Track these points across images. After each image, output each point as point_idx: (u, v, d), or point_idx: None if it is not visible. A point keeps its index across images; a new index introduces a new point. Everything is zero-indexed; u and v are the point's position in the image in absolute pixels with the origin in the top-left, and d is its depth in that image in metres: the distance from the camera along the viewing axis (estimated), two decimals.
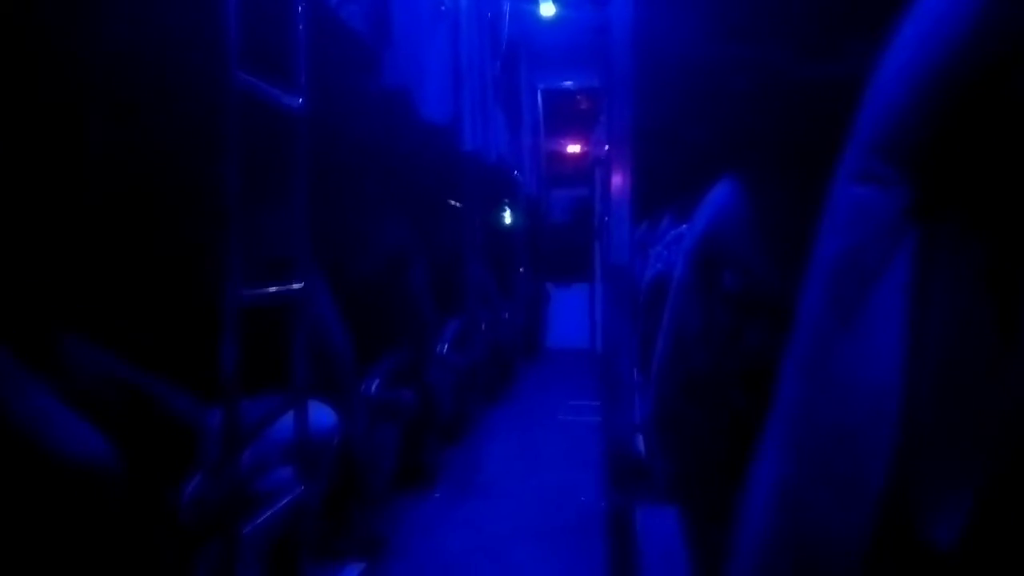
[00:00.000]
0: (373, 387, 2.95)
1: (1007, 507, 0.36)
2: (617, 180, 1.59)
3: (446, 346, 4.06)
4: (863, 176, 0.45)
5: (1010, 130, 0.38)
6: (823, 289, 0.48)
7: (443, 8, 3.51)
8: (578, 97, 9.03)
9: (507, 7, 5.75)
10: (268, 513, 1.68)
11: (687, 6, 1.71)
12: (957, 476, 0.39)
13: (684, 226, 1.89)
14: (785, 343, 0.60)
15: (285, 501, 1.77)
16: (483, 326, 4.99)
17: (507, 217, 7.14)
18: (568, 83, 8.62)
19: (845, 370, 0.46)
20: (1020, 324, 0.37)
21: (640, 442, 1.75)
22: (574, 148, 9.38)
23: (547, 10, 6.43)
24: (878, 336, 0.44)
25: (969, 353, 0.41)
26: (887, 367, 0.44)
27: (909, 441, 0.43)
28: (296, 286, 1.85)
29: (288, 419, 1.88)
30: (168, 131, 2.09)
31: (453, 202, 4.68)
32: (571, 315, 8.46)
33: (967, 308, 0.41)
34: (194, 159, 1.87)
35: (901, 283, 0.44)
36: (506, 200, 7.08)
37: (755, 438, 0.66)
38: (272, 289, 1.73)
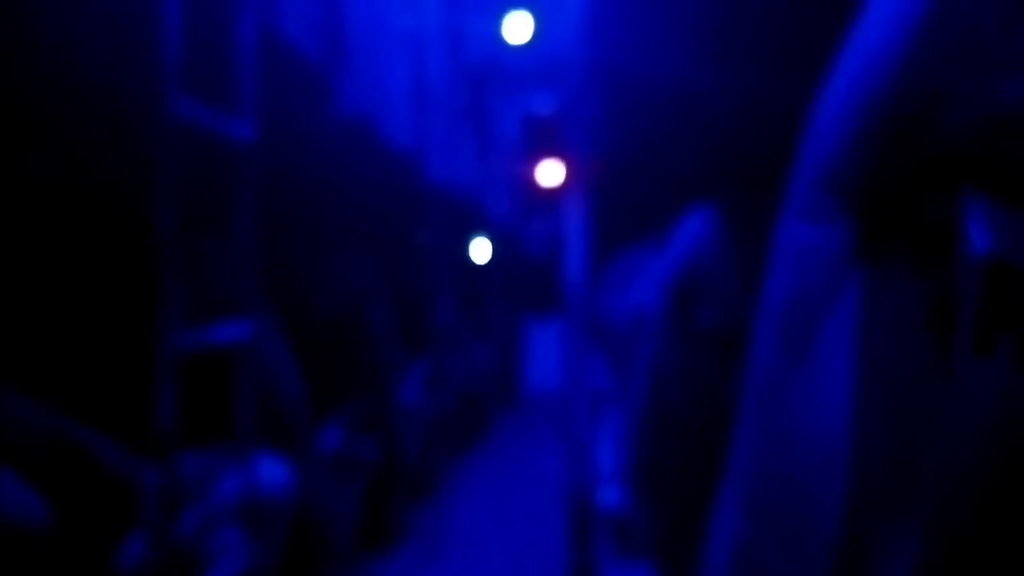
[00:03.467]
0: (332, 439, 2.93)
1: (951, 555, 0.38)
2: (571, 209, 1.62)
3: (412, 392, 4.05)
4: (806, 214, 0.47)
5: (940, 167, 0.40)
6: (772, 330, 0.50)
7: (406, 30, 3.57)
8: (556, 121, 9.12)
9: (475, 27, 5.84)
10: None
11: (656, 25, 1.76)
12: (905, 523, 0.41)
13: (660, 258, 1.92)
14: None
15: (233, 565, 1.75)
16: (453, 369, 4.98)
17: (479, 250, 7.16)
18: (544, 106, 8.72)
19: (794, 413, 0.48)
20: (959, 360, 0.39)
21: (609, 492, 1.75)
22: (553, 175, 9.45)
23: (518, 30, 6.53)
24: (826, 379, 0.46)
25: (914, 395, 0.43)
26: (836, 411, 0.46)
27: (860, 487, 0.44)
28: (242, 331, 1.84)
29: (239, 475, 1.87)
30: (102, 162, 2.09)
31: (420, 233, 4.70)
32: (551, 354, 8.44)
33: (912, 348, 0.43)
34: (131, 191, 1.87)
35: (848, 323, 0.46)
36: (478, 232, 7.12)
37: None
38: (215, 336, 1.72)
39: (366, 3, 2.87)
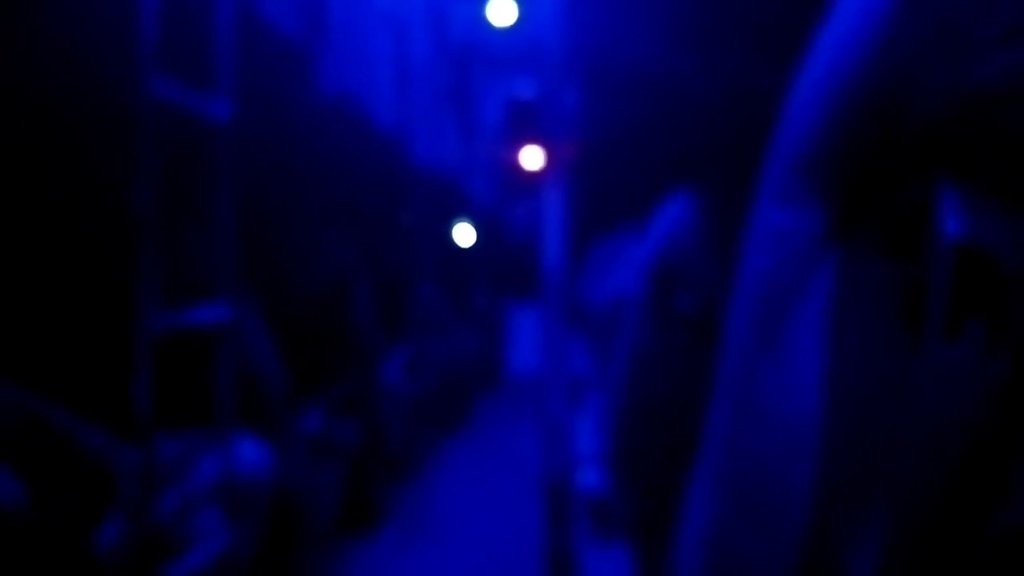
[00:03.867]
0: (313, 421, 2.92)
1: (916, 541, 0.38)
2: (550, 193, 1.62)
3: (394, 373, 4.05)
4: (781, 198, 0.47)
5: (914, 151, 0.40)
6: (745, 314, 0.50)
7: (389, 10, 3.53)
8: (540, 105, 9.09)
9: (462, 12, 5.80)
10: (194, 560, 1.66)
11: (635, 9, 1.75)
12: (872, 509, 0.41)
13: (640, 242, 1.92)
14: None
15: (212, 547, 1.75)
16: (435, 351, 4.98)
17: (462, 234, 7.15)
18: (528, 90, 8.70)
19: (767, 398, 0.48)
20: (929, 343, 0.39)
21: (588, 475, 1.76)
22: (536, 159, 9.45)
23: (502, 11, 6.49)
24: (798, 363, 0.46)
25: (884, 379, 0.43)
26: (807, 395, 0.46)
27: (829, 472, 0.45)
28: (221, 312, 1.83)
29: (217, 457, 1.86)
30: (79, 142, 2.06)
31: (402, 216, 4.69)
32: (532, 337, 8.47)
33: (883, 331, 0.43)
34: (107, 172, 1.84)
35: (820, 307, 0.46)
36: (461, 215, 7.10)
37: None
38: (193, 318, 1.71)
39: None
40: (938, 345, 0.37)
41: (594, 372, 2.71)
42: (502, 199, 8.77)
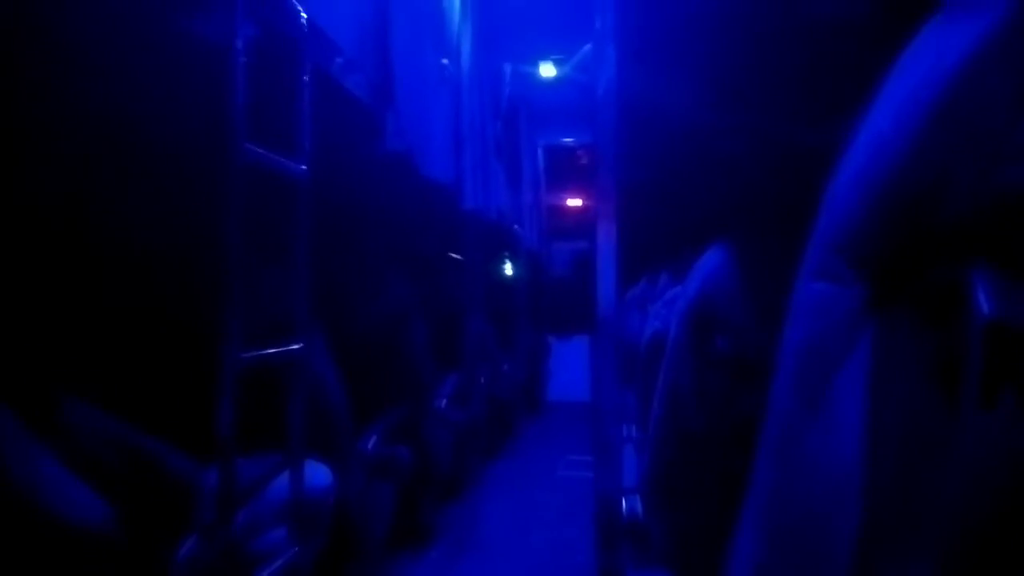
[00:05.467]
0: (370, 444, 2.95)
1: None
2: (603, 235, 1.63)
3: (445, 401, 4.06)
4: (823, 274, 0.48)
5: (946, 239, 0.41)
6: (790, 377, 0.51)
7: (445, 74, 3.61)
8: (579, 152, 9.18)
9: (508, 69, 5.90)
10: (262, 575, 1.68)
11: (680, 71, 1.77)
12: (914, 557, 0.41)
13: (679, 286, 1.92)
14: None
15: (279, 563, 1.77)
16: (483, 380, 4.99)
17: (508, 271, 7.19)
18: (569, 139, 8.78)
19: (811, 454, 0.48)
20: (965, 411, 0.40)
21: (634, 502, 1.75)
22: (575, 202, 9.49)
23: (547, 71, 6.59)
24: (841, 421, 0.47)
25: (922, 438, 0.43)
26: (850, 451, 0.46)
27: (871, 523, 0.45)
28: (295, 347, 1.87)
29: (284, 479, 1.89)
30: (175, 197, 2.14)
31: (454, 256, 4.73)
32: (572, 367, 8.45)
33: (920, 395, 0.44)
34: (199, 224, 1.91)
35: (861, 372, 0.47)
36: (507, 254, 7.15)
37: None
38: (271, 351, 1.75)
39: (411, 48, 2.92)
40: (974, 412, 0.38)
41: (633, 406, 2.70)
42: (545, 241, 8.81)
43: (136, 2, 1.57)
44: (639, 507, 1.70)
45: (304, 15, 1.87)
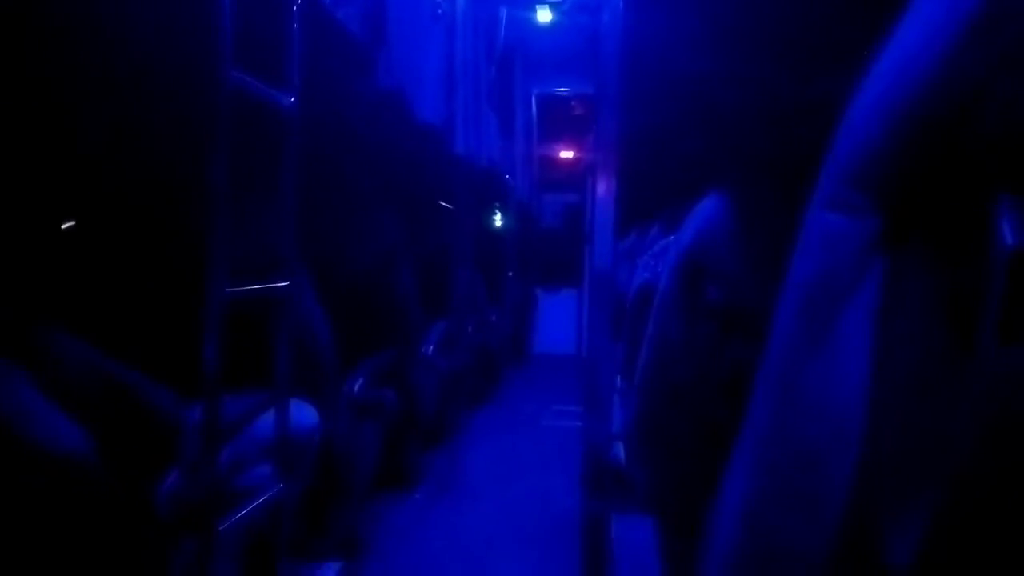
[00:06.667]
0: (356, 386, 2.95)
1: (960, 528, 0.37)
2: (602, 186, 1.61)
3: (431, 348, 4.06)
4: (835, 204, 0.46)
5: (971, 167, 0.39)
6: (795, 311, 0.49)
7: (439, 12, 3.52)
8: (572, 103, 9.05)
9: (503, 12, 5.77)
10: (246, 511, 1.68)
11: (681, 19, 1.72)
12: (914, 497, 0.40)
13: (671, 237, 1.90)
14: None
15: (263, 499, 1.77)
16: (470, 329, 4.99)
17: (498, 221, 7.15)
18: (563, 89, 8.65)
19: (813, 390, 0.47)
20: (976, 349, 0.38)
21: (619, 450, 1.76)
22: (567, 154, 9.40)
23: (543, 16, 6.45)
24: (845, 358, 0.46)
25: (930, 377, 0.42)
26: (853, 389, 0.45)
27: (871, 462, 0.44)
28: (282, 285, 1.85)
29: (269, 417, 1.88)
30: (158, 126, 2.09)
31: (444, 203, 4.69)
32: (559, 320, 8.48)
33: (930, 333, 0.43)
34: (183, 155, 1.87)
35: (869, 308, 0.45)
36: (497, 204, 7.10)
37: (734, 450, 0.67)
38: (258, 287, 1.73)
39: None
40: (994, 348, 0.36)
41: (619, 356, 2.70)
42: (535, 191, 8.75)
43: None
44: (623, 455, 1.71)
45: None
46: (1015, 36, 0.36)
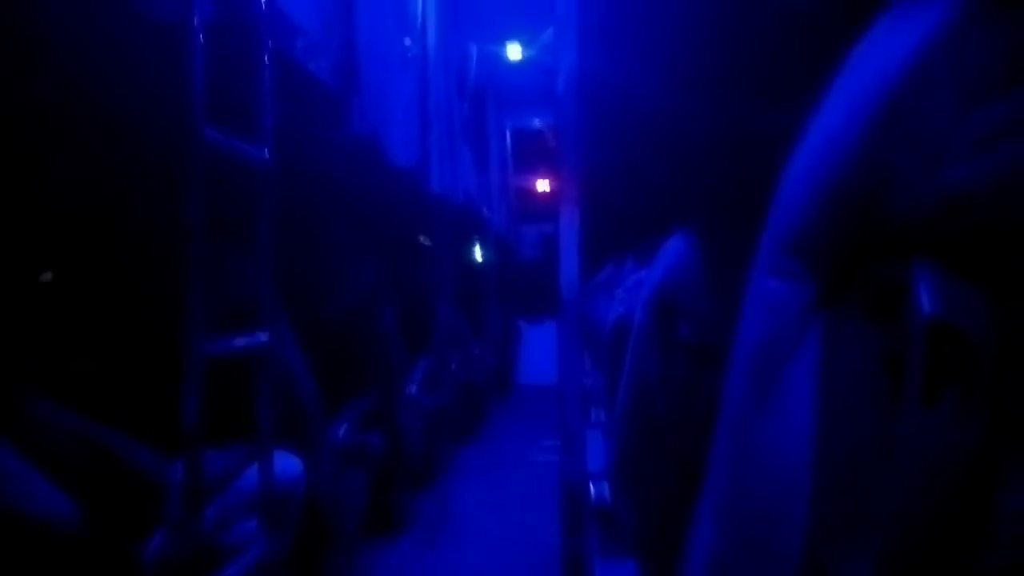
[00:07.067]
0: (341, 432, 2.94)
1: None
2: (565, 220, 1.64)
3: (415, 387, 4.06)
4: (775, 271, 0.49)
5: (890, 236, 0.42)
6: (744, 371, 0.52)
7: (410, 55, 3.58)
8: (547, 135, 9.16)
9: (474, 50, 5.86)
10: (233, 569, 1.67)
11: (642, 56, 1.77)
12: (860, 552, 0.43)
13: (643, 271, 1.94)
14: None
15: (250, 556, 1.77)
16: (453, 365, 4.99)
17: (477, 254, 7.19)
18: (536, 121, 8.76)
19: (763, 446, 0.50)
20: (907, 408, 0.41)
21: (601, 487, 1.77)
22: (544, 185, 9.49)
23: (513, 53, 6.57)
24: (792, 415, 0.48)
25: (870, 434, 0.45)
26: (800, 444, 0.48)
27: (821, 515, 0.46)
28: (261, 337, 1.86)
29: (253, 470, 1.88)
30: (132, 181, 2.10)
31: (423, 239, 4.72)
32: (542, 350, 8.50)
33: (869, 391, 0.46)
34: (158, 209, 1.88)
35: (811, 367, 0.48)
36: (475, 237, 7.14)
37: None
38: (237, 342, 1.74)
39: (375, 29, 2.89)
40: (916, 410, 0.39)
41: (600, 388, 2.72)
42: (513, 223, 8.81)
43: None
44: (607, 492, 1.72)
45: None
46: (918, 123, 0.40)
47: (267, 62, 1.87)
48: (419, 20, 3.96)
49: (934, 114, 0.40)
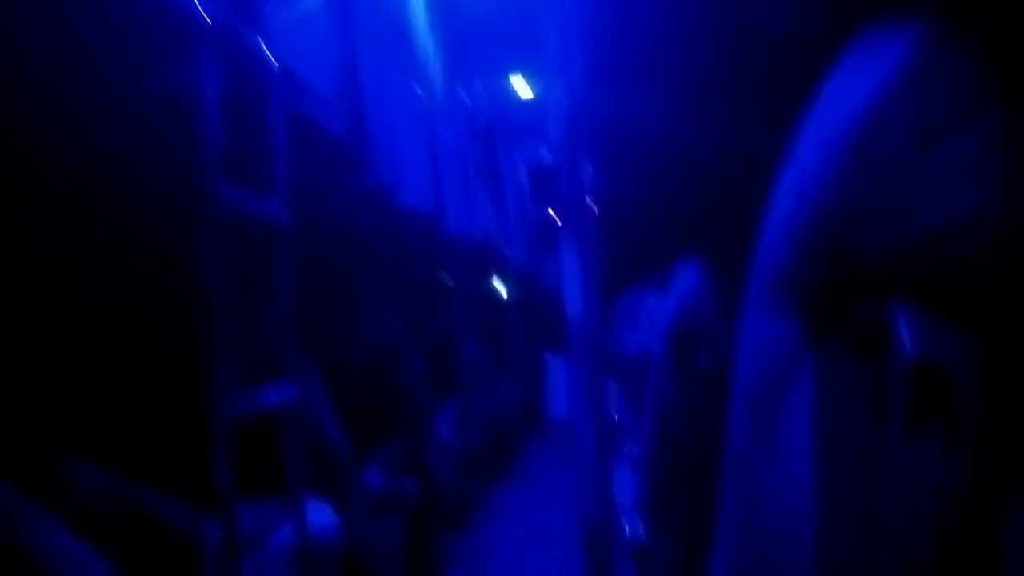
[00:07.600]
0: (373, 479, 2.96)
1: None
2: (568, 254, 1.67)
3: (445, 429, 4.07)
4: (765, 309, 0.52)
5: (868, 276, 0.44)
6: (742, 409, 0.54)
7: (418, 100, 3.65)
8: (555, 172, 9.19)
9: (482, 88, 5.95)
10: None
11: (641, 87, 1.80)
12: (864, 571, 0.44)
13: (658, 299, 1.95)
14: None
15: None
16: (481, 404, 5.00)
17: (499, 291, 7.22)
18: (548, 154, 8.83)
19: (765, 486, 0.52)
20: (893, 443, 0.43)
21: (636, 523, 1.77)
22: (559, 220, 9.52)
23: (520, 87, 6.66)
24: (790, 452, 0.50)
25: (867, 468, 0.47)
26: (800, 481, 0.50)
27: (826, 550, 0.48)
28: (289, 391, 1.89)
29: (289, 524, 1.90)
30: (154, 243, 2.16)
31: (443, 282, 4.76)
32: (568, 383, 8.45)
33: (861, 426, 0.48)
34: (180, 271, 1.93)
35: (805, 402, 0.50)
36: (496, 273, 7.18)
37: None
38: (264, 398, 1.77)
39: (382, 80, 2.96)
40: (901, 444, 0.41)
41: (628, 419, 2.72)
42: (533, 256, 8.84)
43: (106, 58, 1.60)
44: (635, 526, 1.72)
45: (275, 62, 1.91)
46: (882, 167, 0.42)
47: (281, 120, 1.93)
48: (424, 64, 4.05)
49: (897, 155, 0.43)
